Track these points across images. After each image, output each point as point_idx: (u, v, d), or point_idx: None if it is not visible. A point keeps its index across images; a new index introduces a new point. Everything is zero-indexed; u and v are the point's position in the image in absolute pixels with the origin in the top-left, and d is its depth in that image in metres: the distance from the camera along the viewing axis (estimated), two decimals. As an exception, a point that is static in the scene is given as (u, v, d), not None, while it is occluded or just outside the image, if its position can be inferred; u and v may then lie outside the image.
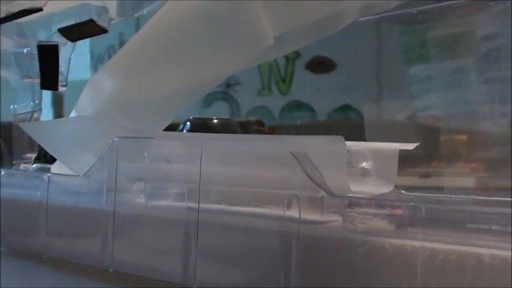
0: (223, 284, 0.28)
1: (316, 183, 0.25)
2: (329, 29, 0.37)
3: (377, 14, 0.40)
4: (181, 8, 0.34)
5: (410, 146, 0.32)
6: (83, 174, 0.35)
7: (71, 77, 0.47)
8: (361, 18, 0.40)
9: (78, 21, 0.39)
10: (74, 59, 0.45)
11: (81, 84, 0.39)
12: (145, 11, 0.39)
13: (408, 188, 0.31)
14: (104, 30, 0.39)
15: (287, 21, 0.34)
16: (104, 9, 0.39)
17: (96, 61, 1.47)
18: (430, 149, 0.41)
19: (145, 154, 0.32)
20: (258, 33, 0.33)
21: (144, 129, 0.35)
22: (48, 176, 0.37)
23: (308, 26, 0.36)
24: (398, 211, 0.23)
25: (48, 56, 0.42)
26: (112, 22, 0.40)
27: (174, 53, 0.35)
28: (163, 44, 0.35)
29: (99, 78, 0.38)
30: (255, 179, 0.27)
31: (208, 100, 1.39)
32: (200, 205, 0.29)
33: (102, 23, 0.39)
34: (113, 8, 0.39)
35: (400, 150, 0.31)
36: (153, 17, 0.35)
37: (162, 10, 0.35)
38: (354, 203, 0.24)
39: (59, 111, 1.18)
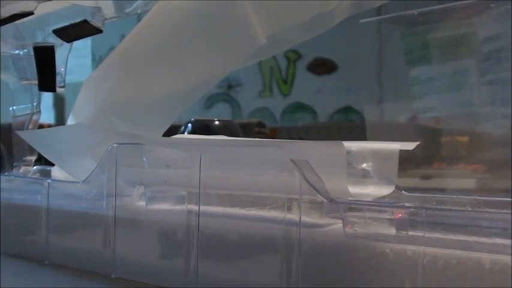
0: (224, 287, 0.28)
1: (316, 190, 0.25)
2: (321, 27, 0.37)
3: (378, 15, 0.40)
4: (171, 8, 0.34)
5: (411, 146, 0.32)
6: (83, 181, 0.35)
7: (73, 78, 0.47)
8: (363, 20, 0.40)
9: (73, 22, 0.39)
10: (76, 60, 0.45)
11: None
12: (139, 10, 0.38)
13: (409, 190, 0.31)
14: (98, 30, 0.39)
15: (278, 20, 0.34)
16: (98, 9, 0.39)
17: (98, 63, 1.47)
18: (431, 151, 0.41)
19: (145, 159, 0.32)
20: (249, 32, 0.33)
21: (143, 134, 0.35)
22: (48, 183, 0.37)
23: (300, 25, 0.36)
24: (399, 215, 0.23)
25: (44, 57, 0.42)
26: (106, 22, 0.39)
27: (166, 54, 0.35)
28: (155, 45, 0.35)
29: (94, 79, 0.38)
30: (255, 184, 0.27)
31: (210, 101, 1.39)
32: (200, 209, 0.29)
33: (96, 23, 0.39)
34: (107, 8, 0.39)
35: (401, 151, 0.30)
36: (144, 18, 0.35)
37: (153, 11, 0.35)
38: (353, 207, 0.24)
39: (60, 112, 1.18)
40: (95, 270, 0.34)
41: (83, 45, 1.29)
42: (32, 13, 0.38)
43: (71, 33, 0.40)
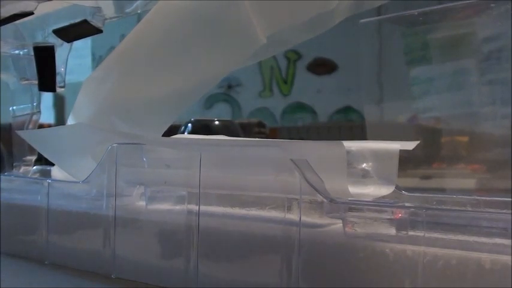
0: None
1: (316, 189, 0.25)
2: (321, 27, 0.37)
3: (378, 15, 0.40)
4: (171, 8, 0.34)
5: (411, 146, 0.32)
6: (83, 181, 0.35)
7: (73, 78, 0.47)
8: (363, 20, 0.40)
9: (73, 22, 0.39)
10: (76, 60, 0.45)
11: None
12: (139, 10, 0.38)
13: (409, 190, 0.31)
14: (98, 30, 0.39)
15: (278, 20, 0.34)
16: (98, 9, 0.39)
17: (98, 63, 1.47)
18: (431, 151, 0.41)
19: (145, 159, 0.32)
20: (249, 32, 0.33)
21: (142, 134, 0.35)
22: (48, 183, 0.37)
23: (300, 25, 0.36)
24: (399, 215, 0.23)
25: (44, 57, 0.42)
26: (106, 22, 0.39)
27: (166, 54, 0.35)
28: (155, 45, 0.35)
29: (94, 79, 0.38)
30: (255, 184, 0.27)
31: (210, 101, 1.39)
32: (200, 209, 0.29)
33: (96, 23, 0.39)
34: (107, 8, 0.39)
35: (401, 151, 0.30)
36: (144, 17, 0.35)
37: (153, 11, 0.35)
38: (353, 207, 0.24)
39: (60, 112, 1.18)
40: (95, 270, 0.33)
41: (83, 45, 1.29)
42: (32, 13, 0.38)
43: (71, 33, 0.40)
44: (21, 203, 0.39)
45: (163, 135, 0.38)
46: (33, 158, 0.48)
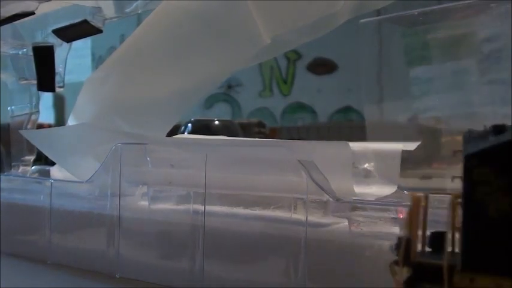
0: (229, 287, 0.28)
1: (323, 189, 0.25)
2: (324, 28, 0.37)
3: (378, 15, 0.40)
4: (175, 8, 0.34)
5: (412, 146, 0.32)
6: (87, 181, 0.34)
7: (73, 78, 0.47)
8: (363, 20, 0.40)
9: (73, 22, 0.39)
10: (76, 60, 0.44)
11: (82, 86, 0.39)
12: (139, 10, 0.38)
13: (410, 189, 0.31)
14: (98, 30, 0.39)
15: (283, 22, 0.34)
16: (98, 9, 0.39)
17: (98, 63, 1.47)
18: (431, 151, 0.41)
19: (149, 159, 0.32)
20: (253, 33, 0.33)
21: (146, 134, 0.35)
22: (51, 183, 0.37)
23: (304, 26, 0.36)
24: (403, 214, 0.23)
25: (43, 57, 0.42)
26: (106, 22, 0.39)
27: (170, 54, 0.35)
28: (158, 45, 0.35)
29: (96, 79, 0.38)
30: (261, 184, 0.27)
31: (210, 101, 1.39)
32: (206, 209, 0.29)
33: (96, 23, 0.39)
34: (107, 8, 0.39)
35: (401, 151, 0.30)
36: (148, 17, 0.35)
37: (157, 10, 0.35)
38: (358, 206, 0.24)
39: (60, 112, 1.18)
40: (98, 270, 0.33)
41: (83, 45, 1.29)
42: (33, 13, 0.38)
43: (71, 33, 0.40)
44: (23, 203, 0.39)
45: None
46: (32, 157, 0.48)
